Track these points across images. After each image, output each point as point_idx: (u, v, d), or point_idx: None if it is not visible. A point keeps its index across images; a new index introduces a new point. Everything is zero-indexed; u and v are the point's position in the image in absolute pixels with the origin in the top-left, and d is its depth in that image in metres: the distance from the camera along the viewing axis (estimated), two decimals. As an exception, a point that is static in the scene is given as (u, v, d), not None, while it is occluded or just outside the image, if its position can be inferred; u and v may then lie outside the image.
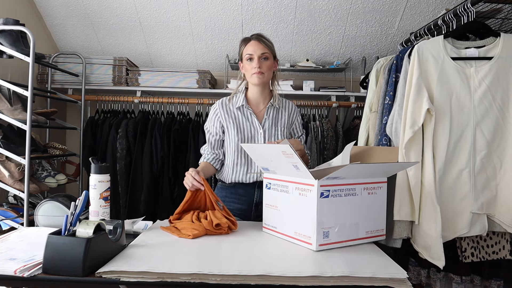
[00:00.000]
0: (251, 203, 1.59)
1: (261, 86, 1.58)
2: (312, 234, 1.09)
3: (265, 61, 1.54)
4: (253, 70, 1.53)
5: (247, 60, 1.55)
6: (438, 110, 1.51)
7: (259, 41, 1.55)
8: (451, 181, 1.53)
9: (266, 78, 1.56)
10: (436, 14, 2.49)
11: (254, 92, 1.61)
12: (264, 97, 1.62)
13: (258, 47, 1.53)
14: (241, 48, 1.59)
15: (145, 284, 0.89)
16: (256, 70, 1.52)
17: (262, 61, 1.53)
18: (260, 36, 1.57)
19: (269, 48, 1.55)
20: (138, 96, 2.64)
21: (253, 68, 1.53)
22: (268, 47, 1.55)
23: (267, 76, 1.56)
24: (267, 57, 1.54)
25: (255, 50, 1.53)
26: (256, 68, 1.52)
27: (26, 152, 1.83)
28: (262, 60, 1.53)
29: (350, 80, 2.84)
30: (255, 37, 1.56)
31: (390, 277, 0.90)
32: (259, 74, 1.52)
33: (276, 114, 1.62)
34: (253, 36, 1.57)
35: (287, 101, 1.68)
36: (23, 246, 1.06)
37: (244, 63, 1.57)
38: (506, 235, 1.59)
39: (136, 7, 2.56)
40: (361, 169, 1.18)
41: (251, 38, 1.57)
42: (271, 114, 1.61)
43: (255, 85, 1.58)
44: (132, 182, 2.45)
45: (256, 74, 1.52)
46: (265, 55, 1.53)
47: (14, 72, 2.28)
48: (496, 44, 1.53)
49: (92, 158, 1.28)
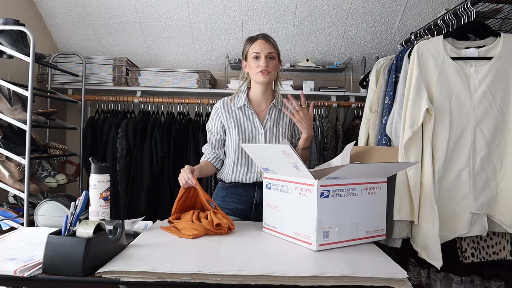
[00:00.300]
0: (251, 203, 1.59)
1: (265, 85, 1.58)
2: (312, 234, 1.09)
3: (272, 60, 1.55)
4: (259, 68, 1.53)
5: (253, 58, 1.55)
6: (438, 110, 1.51)
7: (266, 41, 1.55)
8: (451, 181, 1.53)
9: (271, 77, 1.57)
10: (436, 14, 2.49)
11: (256, 92, 1.61)
12: (266, 97, 1.62)
13: (265, 46, 1.54)
14: (247, 47, 1.59)
15: (145, 284, 0.89)
16: (263, 67, 1.52)
17: (268, 60, 1.54)
18: (267, 36, 1.58)
19: (275, 48, 1.56)
20: (138, 96, 2.64)
21: (259, 67, 1.53)
22: (274, 47, 1.56)
23: (272, 75, 1.56)
24: (273, 57, 1.55)
25: (262, 49, 1.53)
26: (262, 66, 1.52)
27: (26, 152, 1.83)
28: (268, 59, 1.54)
29: (350, 80, 2.84)
30: (261, 36, 1.57)
31: (390, 277, 0.90)
32: (265, 73, 1.52)
33: (278, 114, 1.61)
34: (259, 36, 1.58)
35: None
36: (23, 246, 1.06)
37: (249, 61, 1.57)
38: (507, 236, 1.59)
39: (136, 7, 2.56)
40: (361, 169, 1.18)
41: (257, 37, 1.57)
42: (273, 115, 1.61)
43: (260, 84, 1.58)
44: (132, 182, 2.45)
45: (262, 73, 1.52)
46: (271, 55, 1.54)
47: (14, 72, 2.28)
48: (496, 44, 1.53)
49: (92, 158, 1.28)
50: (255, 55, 1.54)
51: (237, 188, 1.59)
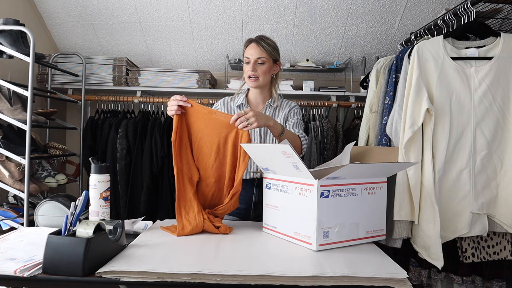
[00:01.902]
0: (249, 202, 1.59)
1: (258, 89, 1.60)
2: (312, 234, 1.09)
3: (261, 65, 1.54)
4: (248, 73, 1.55)
5: (245, 63, 1.57)
6: (438, 110, 1.51)
7: (258, 45, 1.54)
8: (451, 181, 1.52)
9: (262, 82, 1.56)
10: (436, 14, 2.49)
11: (253, 93, 1.63)
12: (263, 98, 1.63)
13: (255, 51, 1.54)
14: (243, 50, 1.60)
15: (145, 284, 0.89)
16: (250, 73, 1.53)
17: (257, 66, 1.53)
18: (261, 39, 1.56)
19: (267, 52, 1.54)
20: (138, 96, 2.64)
21: (248, 72, 1.54)
22: (266, 51, 1.54)
23: (262, 81, 1.55)
24: (263, 62, 1.54)
25: (251, 54, 1.54)
26: (250, 72, 1.53)
27: (26, 152, 1.83)
28: (257, 65, 1.53)
29: (350, 80, 2.84)
30: (255, 40, 1.57)
31: (390, 277, 0.90)
32: (253, 79, 1.54)
33: (273, 113, 1.62)
34: (253, 39, 1.58)
35: (287, 101, 1.67)
36: (23, 246, 1.06)
37: (244, 65, 1.58)
38: (507, 236, 1.59)
39: (136, 7, 2.56)
40: (361, 169, 1.18)
41: (251, 40, 1.58)
42: (267, 113, 1.61)
43: (251, 88, 1.61)
44: (132, 182, 2.45)
45: (250, 78, 1.54)
46: (261, 60, 1.53)
47: (14, 72, 2.28)
48: (496, 44, 1.53)
49: (92, 158, 1.28)
50: (246, 60, 1.56)
51: None
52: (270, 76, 1.59)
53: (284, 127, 1.43)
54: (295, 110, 1.63)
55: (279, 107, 1.63)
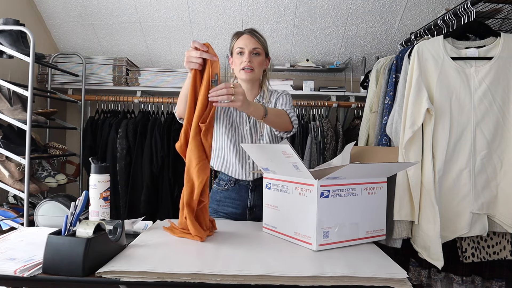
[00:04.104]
0: (245, 207, 1.55)
1: (250, 83, 1.51)
2: (312, 234, 1.09)
3: (256, 56, 1.46)
4: (243, 65, 1.45)
5: (237, 54, 1.47)
6: (438, 110, 1.51)
7: (252, 35, 1.48)
8: (451, 181, 1.53)
9: (256, 75, 1.48)
10: (436, 14, 2.49)
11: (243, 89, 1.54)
12: (253, 96, 1.54)
13: (250, 41, 1.46)
14: (232, 42, 1.53)
15: (145, 284, 0.89)
16: (246, 64, 1.44)
17: (252, 56, 1.45)
18: (253, 30, 1.51)
19: (261, 44, 1.48)
20: (138, 96, 2.64)
21: (243, 63, 1.45)
22: (260, 42, 1.47)
23: (256, 73, 1.47)
24: (258, 53, 1.47)
25: (246, 44, 1.46)
26: (245, 62, 1.44)
27: (26, 152, 1.83)
28: (253, 55, 1.46)
29: (350, 80, 2.84)
30: (247, 31, 1.51)
31: (390, 277, 0.90)
32: (248, 70, 1.44)
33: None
34: (245, 30, 1.52)
35: (276, 91, 1.58)
36: (23, 246, 1.06)
37: (234, 57, 1.50)
38: (507, 236, 1.59)
39: (136, 7, 2.56)
40: (361, 169, 1.18)
41: (243, 32, 1.51)
42: None
43: (243, 81, 1.50)
44: (132, 182, 2.45)
45: (245, 70, 1.44)
46: (256, 50, 1.46)
47: (14, 72, 2.28)
48: (496, 44, 1.53)
49: (92, 158, 1.27)
50: (239, 51, 1.46)
51: (230, 191, 1.55)
52: (263, 71, 1.53)
53: (266, 107, 1.28)
54: (283, 96, 1.54)
55: (269, 98, 1.55)
